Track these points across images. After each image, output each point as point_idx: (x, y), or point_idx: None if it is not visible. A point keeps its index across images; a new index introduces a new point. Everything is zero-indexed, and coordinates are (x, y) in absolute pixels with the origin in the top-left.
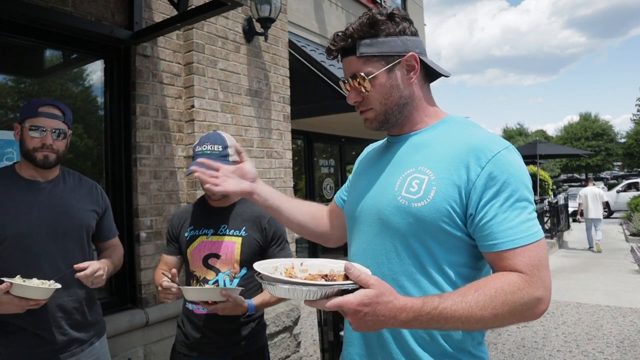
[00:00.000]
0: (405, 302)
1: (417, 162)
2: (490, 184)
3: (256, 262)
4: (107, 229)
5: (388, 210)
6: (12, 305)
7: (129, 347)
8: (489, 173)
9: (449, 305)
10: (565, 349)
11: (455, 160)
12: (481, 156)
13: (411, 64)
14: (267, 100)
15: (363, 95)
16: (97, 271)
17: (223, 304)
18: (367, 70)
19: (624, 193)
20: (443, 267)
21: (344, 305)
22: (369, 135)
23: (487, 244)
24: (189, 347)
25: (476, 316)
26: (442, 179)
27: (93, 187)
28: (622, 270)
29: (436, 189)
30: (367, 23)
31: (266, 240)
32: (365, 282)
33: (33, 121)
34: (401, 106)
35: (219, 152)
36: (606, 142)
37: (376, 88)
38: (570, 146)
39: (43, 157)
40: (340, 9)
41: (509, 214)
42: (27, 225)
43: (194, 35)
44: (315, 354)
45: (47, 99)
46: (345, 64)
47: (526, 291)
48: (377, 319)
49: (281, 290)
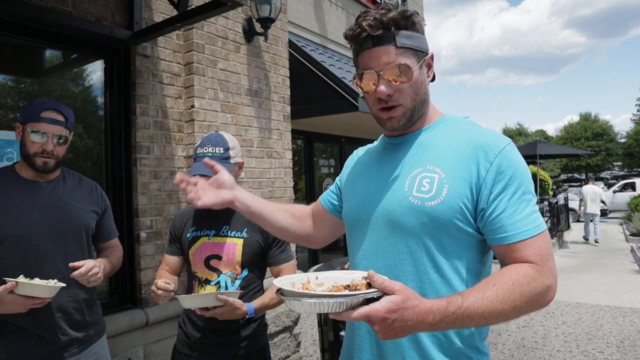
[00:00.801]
0: (431, 304)
1: (424, 161)
2: (499, 178)
3: (277, 279)
4: (107, 230)
5: (400, 211)
6: (17, 305)
7: (129, 347)
8: (497, 168)
9: (472, 303)
10: (565, 349)
11: (464, 158)
12: (489, 152)
13: (429, 63)
14: (267, 100)
15: (395, 88)
16: (92, 269)
17: (221, 308)
18: (404, 62)
19: (620, 193)
20: (455, 264)
21: (372, 314)
22: (369, 135)
23: (498, 237)
24: (190, 347)
25: (497, 310)
26: (453, 176)
27: (93, 187)
28: (622, 270)
29: (448, 186)
30: (402, 16)
31: (267, 242)
32: (391, 289)
33: (35, 126)
34: (423, 103)
35: (220, 154)
36: (606, 142)
37: (411, 82)
38: (570, 146)
39: (43, 162)
40: (340, 9)
41: (517, 207)
42: (27, 226)
43: (194, 35)
44: (315, 354)
45: (50, 100)
46: (375, 53)
47: (539, 281)
48: (405, 324)
49: (307, 305)
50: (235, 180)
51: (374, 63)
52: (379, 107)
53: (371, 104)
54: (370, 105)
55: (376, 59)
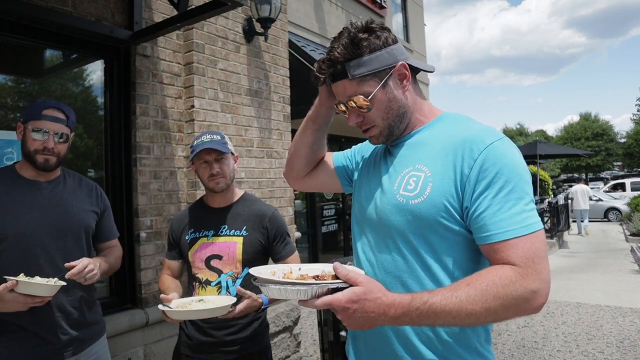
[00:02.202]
0: (393, 298)
1: (414, 160)
2: (483, 175)
3: (254, 267)
4: (107, 230)
5: (387, 209)
6: (17, 303)
7: (129, 347)
8: (481, 165)
9: (437, 300)
10: (565, 349)
11: (449, 155)
12: (474, 148)
13: (402, 73)
14: (267, 100)
15: (363, 114)
16: (87, 266)
17: (242, 303)
18: (362, 90)
19: (610, 193)
20: (445, 263)
21: (333, 302)
22: None
23: (481, 236)
24: (192, 348)
25: (467, 310)
26: (438, 174)
27: (93, 188)
28: (622, 270)
29: (432, 184)
30: (350, 44)
31: (269, 239)
32: (354, 280)
33: (36, 124)
34: (401, 116)
35: (218, 140)
36: (606, 142)
37: (375, 106)
38: (570, 146)
39: (44, 160)
40: (340, 9)
41: (502, 205)
42: (27, 225)
43: (194, 35)
44: (315, 354)
45: (51, 100)
46: (337, 88)
47: (519, 284)
48: (366, 315)
49: (273, 290)
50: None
51: (339, 96)
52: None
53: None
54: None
55: (339, 93)
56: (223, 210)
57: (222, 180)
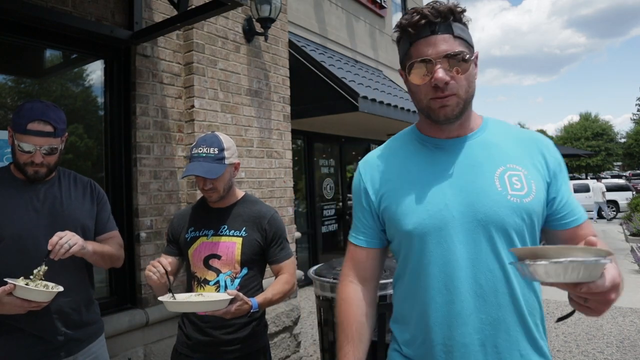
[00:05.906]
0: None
1: (500, 160)
2: (559, 169)
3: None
4: (103, 223)
5: (503, 211)
6: (14, 307)
7: (129, 347)
8: (558, 160)
9: None
10: (565, 349)
11: (533, 155)
12: (550, 147)
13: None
14: (267, 100)
15: (453, 76)
16: (66, 236)
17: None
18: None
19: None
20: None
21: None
22: (368, 135)
23: (570, 220)
24: (190, 348)
25: None
26: (533, 172)
27: (88, 184)
28: (622, 270)
29: (535, 182)
30: (454, 10)
31: (266, 241)
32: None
33: (22, 138)
34: (471, 98)
35: (214, 154)
36: (606, 142)
37: (466, 74)
38: (570, 146)
39: (33, 172)
40: (340, 9)
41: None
42: (24, 226)
43: (194, 35)
44: (315, 354)
45: (38, 108)
46: (436, 41)
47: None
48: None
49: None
50: (231, 183)
51: (431, 51)
52: (432, 97)
53: (422, 94)
54: (420, 96)
55: (434, 46)
56: (224, 211)
57: (214, 194)
